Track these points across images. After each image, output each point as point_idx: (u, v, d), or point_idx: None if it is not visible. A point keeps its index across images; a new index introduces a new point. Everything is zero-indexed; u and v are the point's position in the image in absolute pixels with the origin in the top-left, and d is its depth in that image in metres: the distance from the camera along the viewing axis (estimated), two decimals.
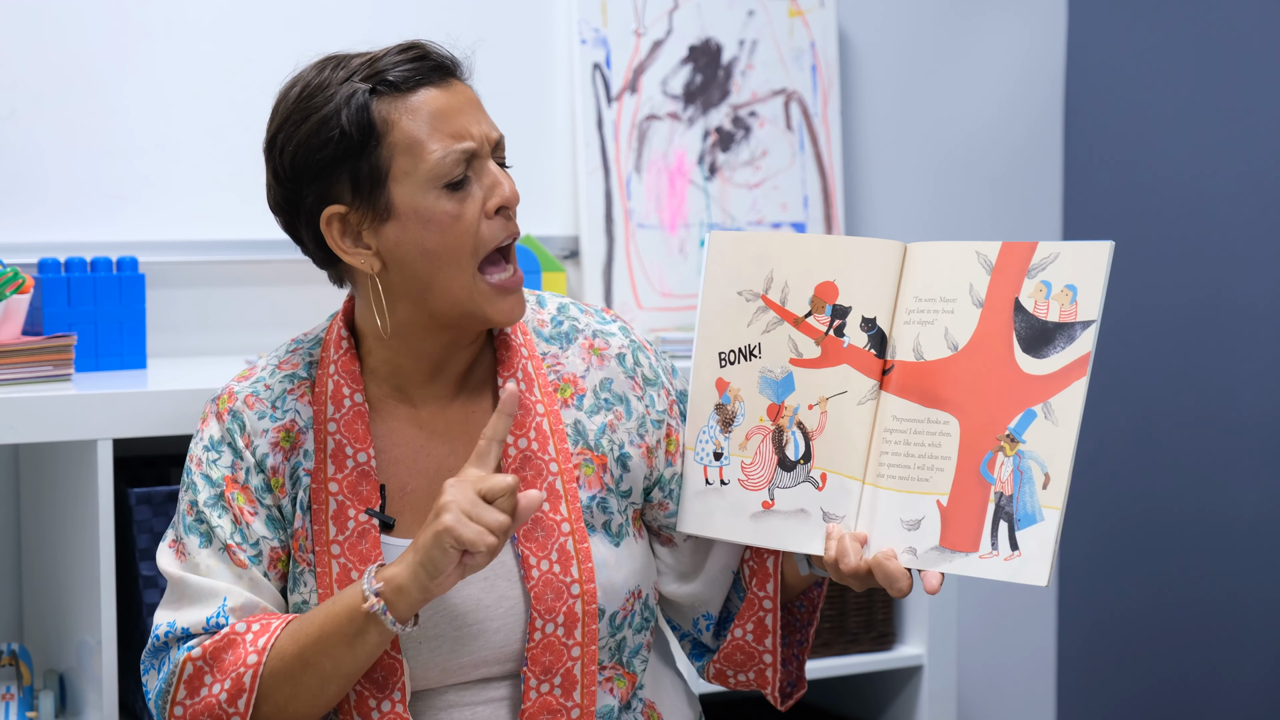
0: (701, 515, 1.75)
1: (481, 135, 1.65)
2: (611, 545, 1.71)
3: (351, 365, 1.71)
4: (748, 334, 1.74)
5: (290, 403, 1.71)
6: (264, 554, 1.68)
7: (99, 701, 2.07)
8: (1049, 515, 1.55)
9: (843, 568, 1.63)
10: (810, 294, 1.71)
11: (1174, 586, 3.07)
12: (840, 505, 1.67)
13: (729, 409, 1.75)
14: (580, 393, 1.74)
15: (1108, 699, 3.21)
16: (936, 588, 1.60)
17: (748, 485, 1.73)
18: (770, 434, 1.72)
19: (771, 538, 1.71)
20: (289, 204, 1.68)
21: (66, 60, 2.46)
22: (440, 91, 1.65)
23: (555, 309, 1.80)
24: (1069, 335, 1.58)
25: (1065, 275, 1.59)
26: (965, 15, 3.12)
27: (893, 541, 1.63)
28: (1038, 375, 1.58)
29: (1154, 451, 3.10)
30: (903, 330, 1.66)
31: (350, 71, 1.64)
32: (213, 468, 1.70)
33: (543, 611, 1.66)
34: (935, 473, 1.62)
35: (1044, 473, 1.56)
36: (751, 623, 1.78)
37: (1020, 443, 1.58)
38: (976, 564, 1.59)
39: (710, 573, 1.80)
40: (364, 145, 1.62)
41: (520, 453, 1.69)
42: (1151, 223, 3.09)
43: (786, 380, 1.72)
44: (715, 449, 1.75)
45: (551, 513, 1.68)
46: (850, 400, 1.67)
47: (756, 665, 1.79)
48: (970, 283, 1.64)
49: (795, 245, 1.73)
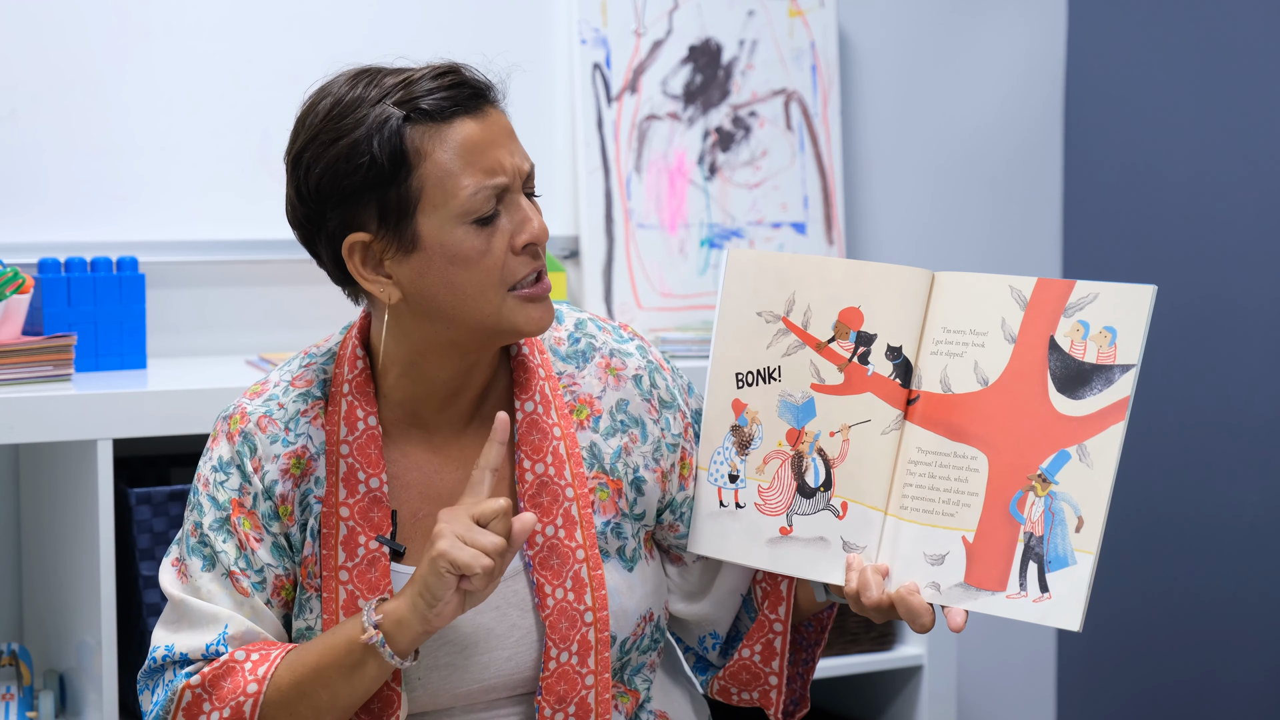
0: (715, 537, 1.72)
1: (514, 169, 1.60)
2: (625, 571, 1.70)
3: (366, 387, 1.67)
4: (767, 356, 1.70)
5: (303, 426, 1.67)
6: (268, 581, 1.65)
7: (99, 701, 2.07)
8: (1082, 559, 1.53)
9: (865, 601, 1.61)
10: (834, 319, 1.67)
11: (1174, 587, 3.07)
12: (861, 535, 1.64)
13: (746, 431, 1.72)
14: (596, 414, 1.71)
15: (1108, 699, 3.21)
16: (961, 625, 1.58)
17: (765, 510, 1.70)
18: (789, 459, 1.69)
19: (789, 565, 1.68)
20: (310, 222, 1.63)
21: (66, 60, 2.46)
22: (475, 122, 1.59)
23: (573, 325, 1.76)
24: (1107, 378, 1.55)
25: (1104, 316, 1.56)
26: (965, 15, 3.12)
27: (915, 575, 1.61)
28: (1073, 416, 1.56)
29: (1154, 451, 3.10)
30: (929, 361, 1.63)
31: (384, 92, 1.58)
32: (220, 490, 1.66)
33: (557, 640, 1.64)
34: (961, 508, 1.59)
35: (1077, 515, 1.54)
36: (760, 644, 1.76)
37: (1053, 484, 1.56)
38: (1003, 604, 1.56)
39: (718, 594, 1.78)
40: (395, 175, 1.57)
41: (537, 478, 1.67)
42: (1151, 223, 3.09)
43: (808, 405, 1.69)
44: (731, 471, 1.72)
45: (567, 539, 1.66)
46: (874, 429, 1.65)
47: (761, 686, 1.78)
48: (1003, 317, 1.61)
49: (819, 268, 1.69)
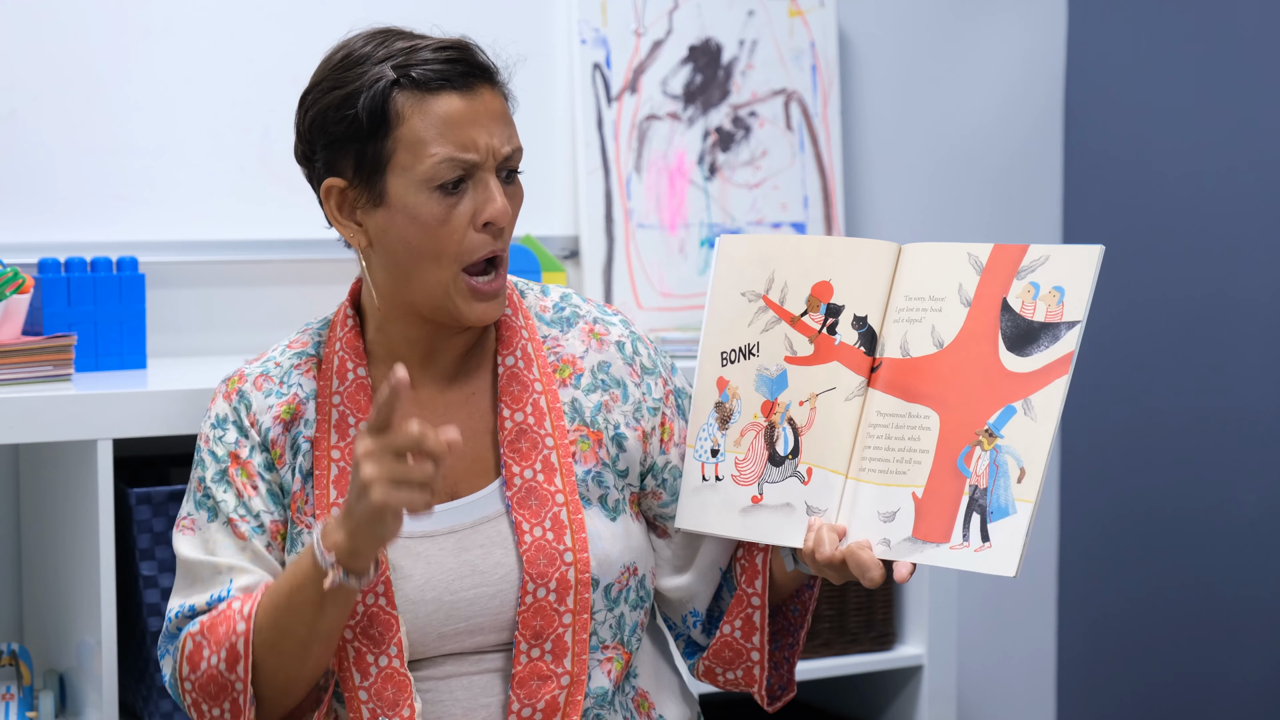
0: (697, 511, 1.78)
1: (488, 148, 1.68)
2: (607, 519, 1.75)
3: (355, 341, 1.77)
4: (748, 333, 1.77)
5: (296, 378, 1.77)
6: (265, 526, 1.73)
7: (99, 701, 2.07)
8: (1022, 508, 1.57)
9: (818, 557, 1.66)
10: (807, 293, 1.74)
11: (1174, 586, 3.07)
12: (823, 499, 1.69)
13: (727, 407, 1.78)
14: (578, 372, 1.78)
15: (1108, 699, 3.21)
16: (906, 577, 1.62)
17: (739, 480, 1.76)
18: (763, 430, 1.75)
19: (758, 531, 1.73)
20: (305, 160, 1.74)
21: (67, 60, 2.46)
22: (461, 98, 1.68)
23: (558, 297, 1.84)
24: (1054, 335, 1.60)
25: (1054, 277, 1.62)
26: (965, 15, 3.12)
27: (869, 533, 1.65)
28: (1020, 373, 1.61)
29: (1154, 451, 3.10)
30: (892, 328, 1.69)
31: (389, 54, 1.68)
32: (218, 444, 1.75)
33: (534, 576, 1.69)
34: (913, 466, 1.65)
35: (1020, 467, 1.59)
36: (740, 619, 1.79)
37: (999, 438, 1.61)
38: (947, 554, 1.61)
39: (700, 566, 1.82)
40: (374, 132, 1.66)
41: (516, 426, 1.73)
42: (1151, 223, 3.09)
43: (781, 377, 1.75)
44: (713, 446, 1.78)
45: (546, 483, 1.72)
46: (838, 396, 1.70)
47: (744, 663, 1.81)
48: (960, 282, 1.67)
49: (795, 246, 1.76)
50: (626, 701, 1.77)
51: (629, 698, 1.78)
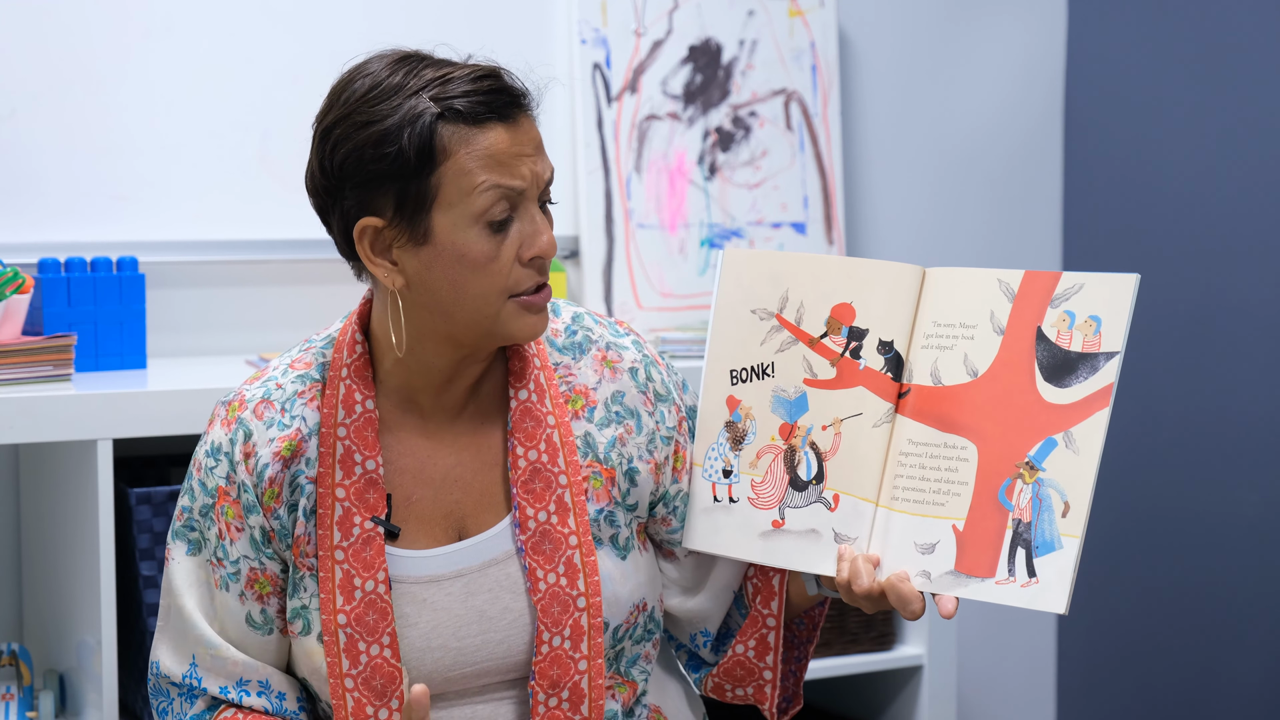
0: (709, 532, 1.74)
1: (533, 177, 1.61)
2: (618, 559, 1.71)
3: (365, 371, 1.69)
4: (761, 352, 1.73)
5: (299, 407, 1.69)
6: (241, 573, 1.67)
7: (99, 701, 2.07)
8: (1068, 543, 1.55)
9: (855, 589, 1.63)
10: (826, 315, 1.70)
11: (1174, 586, 3.07)
12: (853, 527, 1.66)
13: (739, 427, 1.74)
14: (591, 405, 1.73)
15: (1108, 699, 3.21)
16: (952, 612, 1.59)
17: (757, 504, 1.72)
18: (782, 453, 1.71)
19: (781, 557, 1.70)
20: (327, 194, 1.64)
21: (66, 60, 2.46)
22: (506, 130, 1.60)
23: (569, 318, 1.77)
24: (1092, 365, 1.59)
25: (1089, 306, 1.59)
26: (965, 15, 3.12)
27: (906, 564, 1.62)
28: (1059, 404, 1.59)
29: (1154, 451, 3.10)
30: (920, 354, 1.66)
31: (421, 84, 1.59)
32: (209, 476, 1.69)
33: (549, 624, 1.66)
34: (952, 497, 1.61)
35: (1064, 501, 1.56)
36: (754, 639, 1.77)
37: (1040, 470, 1.58)
38: (992, 589, 1.58)
39: (713, 590, 1.79)
40: (420, 169, 1.58)
41: (530, 464, 1.68)
42: (1151, 223, 3.09)
43: (800, 400, 1.71)
44: (724, 466, 1.74)
45: (560, 525, 1.67)
46: (865, 422, 1.67)
47: (756, 681, 1.79)
48: (991, 310, 1.63)
49: (812, 265, 1.72)
50: None
51: (642, 718, 1.76)
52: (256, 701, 1.68)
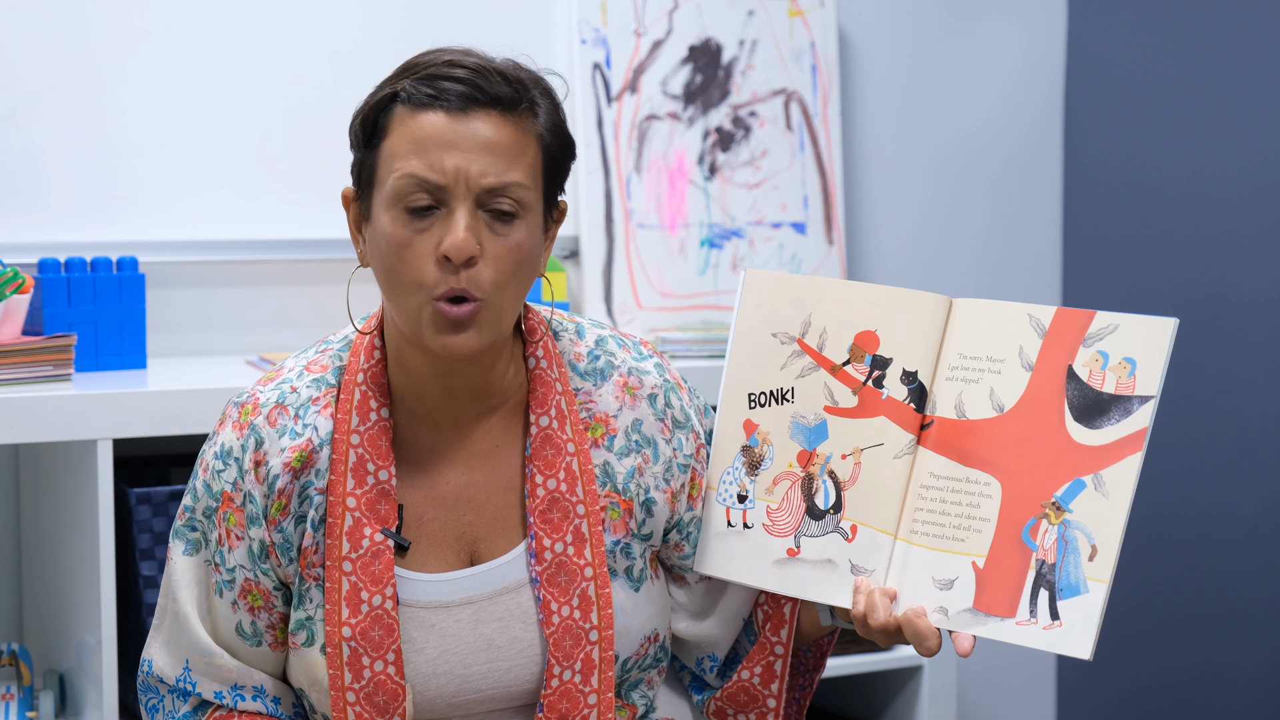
0: (722, 557, 1.71)
1: (459, 173, 1.54)
2: (631, 591, 1.69)
3: (380, 379, 1.65)
4: (780, 377, 1.69)
5: (311, 415, 1.64)
6: (236, 582, 1.65)
7: (99, 701, 2.07)
8: (1095, 588, 1.53)
9: (871, 623, 1.61)
10: (850, 342, 1.67)
11: (1173, 586, 3.07)
12: (870, 559, 1.64)
13: (756, 452, 1.71)
14: (611, 433, 1.70)
15: (1108, 699, 3.21)
16: (969, 650, 1.57)
17: (773, 531, 1.69)
18: (800, 480, 1.68)
19: (795, 586, 1.67)
20: None
21: (66, 60, 2.46)
22: (447, 119, 1.56)
23: (593, 342, 1.73)
24: (1125, 409, 1.56)
25: (1124, 348, 1.56)
26: (965, 15, 3.12)
27: (923, 599, 1.60)
28: (1089, 445, 1.56)
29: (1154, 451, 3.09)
30: (944, 386, 1.63)
31: (408, 70, 1.60)
32: (215, 478, 1.65)
33: (560, 658, 1.64)
34: (973, 534, 1.59)
35: (1091, 544, 1.54)
36: (760, 666, 1.75)
37: (1067, 512, 1.55)
38: (1013, 630, 1.56)
39: (722, 616, 1.77)
40: (365, 143, 1.60)
41: (549, 493, 1.65)
42: (1151, 223, 3.09)
43: (820, 427, 1.68)
44: (740, 491, 1.71)
45: (575, 557, 1.65)
46: (886, 453, 1.64)
47: (759, 708, 1.77)
48: (1020, 344, 1.60)
49: (836, 291, 1.69)
50: None
51: None
52: (251, 705, 1.67)
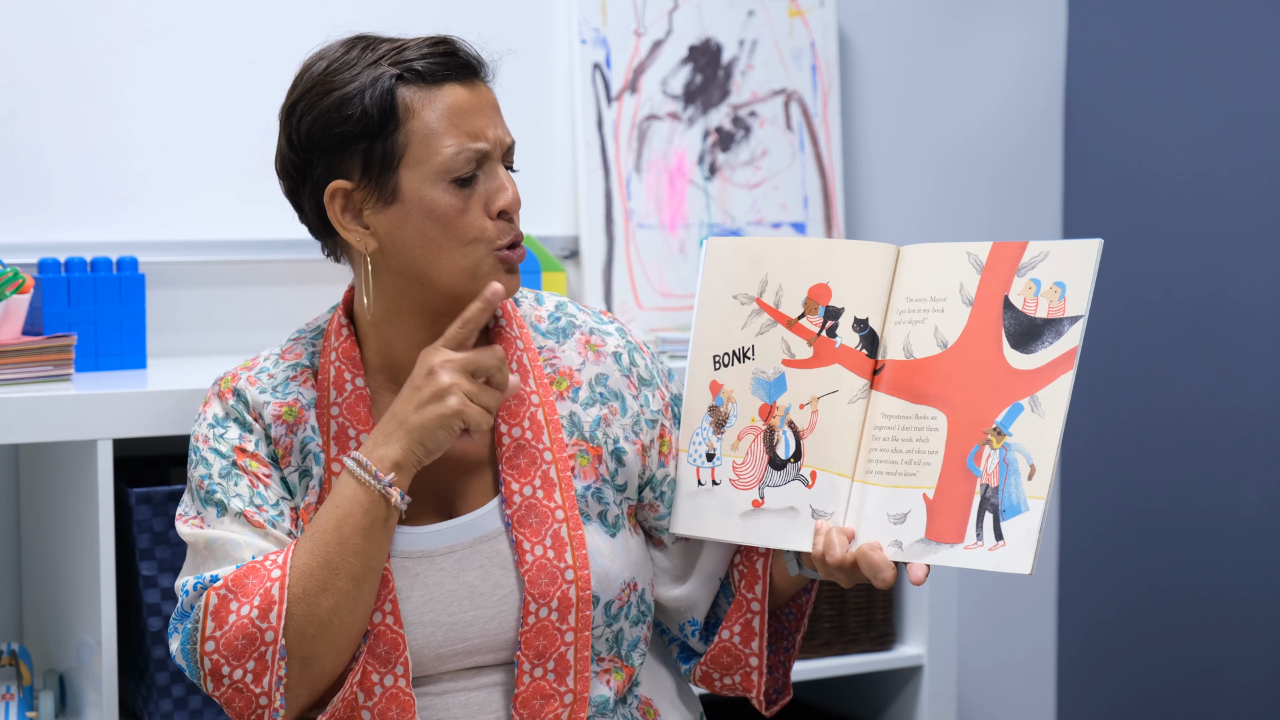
0: (693, 516, 1.77)
1: (496, 139, 1.67)
2: (607, 535, 1.73)
3: (352, 351, 1.73)
4: (741, 336, 1.76)
5: (293, 388, 1.74)
6: (285, 514, 1.70)
7: (99, 701, 2.07)
8: (1033, 505, 1.58)
9: (829, 560, 1.66)
10: (804, 296, 1.73)
11: (1174, 586, 3.07)
12: (829, 502, 1.69)
13: (722, 411, 1.77)
14: (575, 385, 1.76)
15: (1108, 699, 3.21)
16: (922, 579, 1.62)
17: (738, 484, 1.75)
18: (761, 434, 1.74)
19: (761, 536, 1.73)
20: (297, 171, 1.72)
21: (67, 60, 2.46)
22: (464, 89, 1.67)
23: (553, 306, 1.82)
24: (1057, 330, 1.61)
25: (1054, 273, 1.62)
26: (965, 15, 3.12)
27: (879, 535, 1.65)
28: (1025, 370, 1.62)
29: (1154, 451, 3.10)
30: (894, 330, 1.69)
31: (378, 55, 1.67)
32: (220, 442, 1.72)
33: (536, 596, 1.68)
34: (922, 467, 1.65)
35: (1029, 464, 1.59)
36: (739, 624, 1.79)
37: (1007, 435, 1.61)
38: (961, 554, 1.61)
39: (699, 577, 1.81)
40: (383, 127, 1.64)
41: (514, 441, 1.71)
42: (1151, 222, 3.09)
43: (779, 381, 1.74)
44: (708, 450, 1.77)
45: (546, 500, 1.70)
46: (841, 399, 1.70)
47: (742, 668, 1.80)
48: (961, 282, 1.67)
49: (789, 249, 1.76)
50: (631, 711, 1.77)
51: (633, 708, 1.77)
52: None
